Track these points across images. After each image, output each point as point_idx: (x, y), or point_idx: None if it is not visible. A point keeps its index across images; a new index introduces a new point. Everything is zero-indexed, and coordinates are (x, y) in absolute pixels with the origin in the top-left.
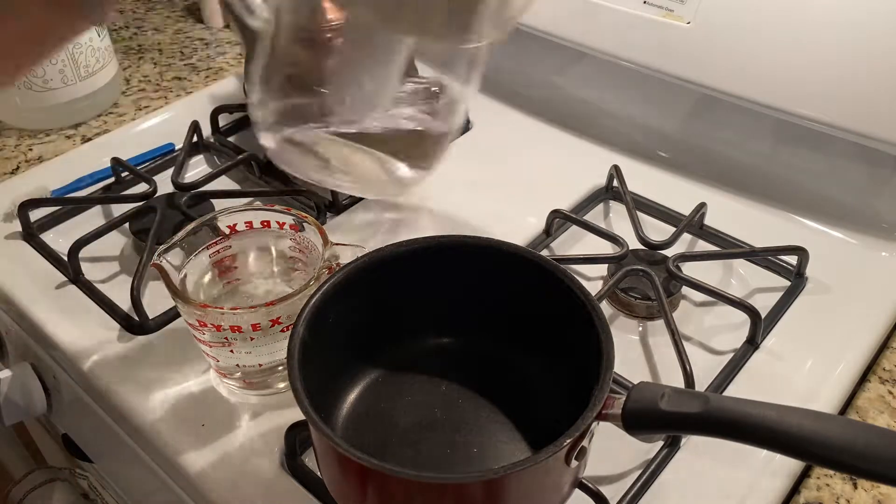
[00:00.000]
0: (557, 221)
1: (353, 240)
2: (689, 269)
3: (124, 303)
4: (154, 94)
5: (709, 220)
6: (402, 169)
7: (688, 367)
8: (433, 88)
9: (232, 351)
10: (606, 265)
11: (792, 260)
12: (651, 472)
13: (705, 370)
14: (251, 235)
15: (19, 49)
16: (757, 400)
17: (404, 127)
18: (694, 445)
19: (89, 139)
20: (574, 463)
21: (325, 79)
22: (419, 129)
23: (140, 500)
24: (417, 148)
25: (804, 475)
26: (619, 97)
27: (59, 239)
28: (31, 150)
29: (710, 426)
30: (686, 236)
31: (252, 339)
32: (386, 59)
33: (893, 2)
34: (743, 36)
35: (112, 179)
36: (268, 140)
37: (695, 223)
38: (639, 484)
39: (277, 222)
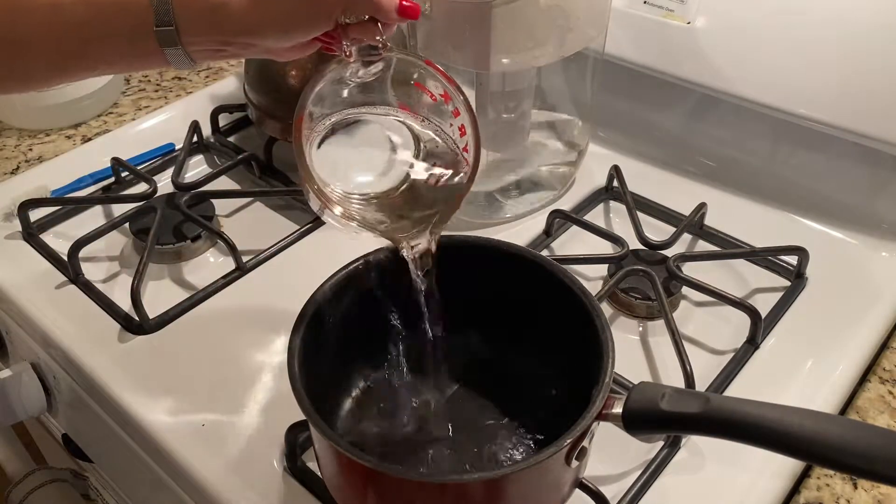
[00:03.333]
0: (558, 221)
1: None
2: (690, 269)
3: (124, 303)
4: (154, 94)
5: (709, 220)
6: None
7: (688, 367)
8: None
9: None
10: (606, 265)
11: (792, 260)
12: (651, 472)
13: (705, 370)
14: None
15: None
16: (757, 400)
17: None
18: (694, 445)
19: (89, 139)
20: (574, 463)
21: None
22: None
23: (140, 501)
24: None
25: (804, 475)
26: (618, 97)
27: (59, 239)
28: (31, 150)
29: (710, 426)
30: (686, 236)
31: None
32: None
33: (893, 2)
34: (743, 36)
35: (112, 179)
36: None
37: (695, 223)
38: (639, 484)
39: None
